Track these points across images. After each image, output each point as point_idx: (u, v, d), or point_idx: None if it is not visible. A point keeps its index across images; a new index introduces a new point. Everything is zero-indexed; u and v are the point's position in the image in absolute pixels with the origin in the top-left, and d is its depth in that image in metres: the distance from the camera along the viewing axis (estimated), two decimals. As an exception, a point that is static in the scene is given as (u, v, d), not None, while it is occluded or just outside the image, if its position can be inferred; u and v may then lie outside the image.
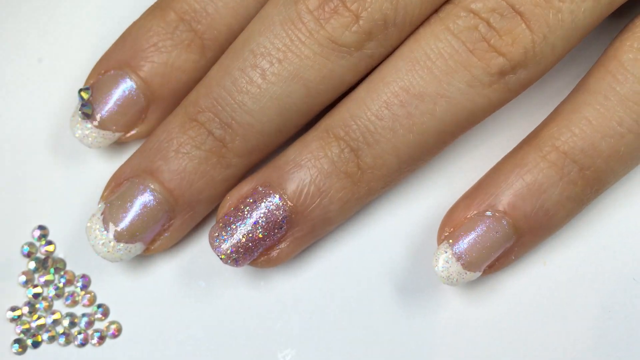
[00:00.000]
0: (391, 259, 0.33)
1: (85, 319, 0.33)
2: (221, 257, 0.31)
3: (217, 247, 0.31)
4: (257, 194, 0.31)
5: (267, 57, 0.30)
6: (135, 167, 0.32)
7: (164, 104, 0.32)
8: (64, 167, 0.34)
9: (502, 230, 0.31)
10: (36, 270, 0.34)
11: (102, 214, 0.31)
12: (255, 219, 0.31)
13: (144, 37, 0.32)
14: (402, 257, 0.33)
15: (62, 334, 0.33)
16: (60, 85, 0.35)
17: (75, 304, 0.34)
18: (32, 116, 0.34)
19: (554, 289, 0.33)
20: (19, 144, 0.34)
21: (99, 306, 0.33)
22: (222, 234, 0.31)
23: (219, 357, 0.33)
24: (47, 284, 0.34)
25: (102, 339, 0.33)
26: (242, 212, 0.31)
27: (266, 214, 0.31)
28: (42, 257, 0.34)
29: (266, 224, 0.31)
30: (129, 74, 0.32)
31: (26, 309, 0.33)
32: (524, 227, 0.31)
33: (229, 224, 0.31)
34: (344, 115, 0.31)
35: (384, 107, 0.30)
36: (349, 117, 0.30)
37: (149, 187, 0.31)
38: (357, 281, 0.33)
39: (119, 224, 0.31)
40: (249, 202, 0.31)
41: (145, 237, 0.32)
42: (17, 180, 0.34)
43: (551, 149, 0.30)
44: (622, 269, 0.33)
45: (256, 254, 0.31)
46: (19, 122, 0.34)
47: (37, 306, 0.33)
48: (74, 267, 0.34)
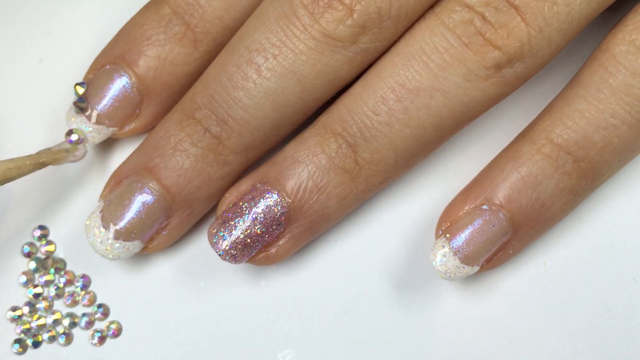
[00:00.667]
0: (389, 256, 0.33)
1: (85, 319, 0.33)
2: (220, 254, 0.31)
3: (216, 243, 0.31)
4: (255, 190, 0.31)
5: (262, 52, 0.30)
6: (133, 165, 0.32)
7: (157, 98, 0.33)
8: (64, 167, 0.34)
9: (499, 223, 0.30)
10: (36, 270, 0.34)
11: (101, 212, 0.31)
12: (254, 216, 0.31)
13: (139, 31, 0.32)
14: (401, 254, 0.33)
15: (62, 334, 0.33)
16: (60, 85, 0.35)
17: (75, 304, 0.34)
18: (32, 116, 0.35)
19: (554, 289, 0.33)
20: (19, 144, 0.34)
21: (99, 306, 0.34)
22: (221, 230, 0.31)
23: (219, 357, 0.33)
24: (48, 284, 0.34)
25: (102, 339, 0.33)
26: (241, 209, 0.31)
27: (265, 211, 0.31)
28: (43, 257, 0.34)
29: (265, 221, 0.31)
30: (123, 68, 0.32)
31: (26, 309, 0.33)
32: (521, 219, 0.31)
33: (228, 220, 0.31)
34: (341, 111, 0.31)
35: (380, 102, 0.30)
36: (345, 112, 0.30)
37: (147, 185, 0.31)
38: (356, 280, 0.33)
39: (117, 222, 0.31)
40: (248, 198, 0.31)
41: (143, 235, 0.32)
42: (17, 180, 0.34)
43: (545, 142, 0.30)
44: (622, 269, 0.33)
45: (255, 251, 0.31)
46: (19, 122, 0.35)
47: (38, 306, 0.33)
48: (74, 267, 0.34)
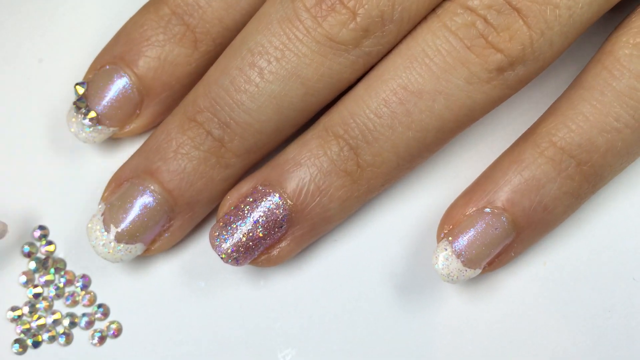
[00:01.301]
0: (390, 256, 0.33)
1: (85, 319, 0.33)
2: (222, 257, 0.31)
3: (217, 246, 0.31)
4: (257, 193, 0.31)
5: (264, 55, 0.30)
6: (135, 168, 0.32)
7: (157, 98, 0.32)
8: (64, 167, 0.34)
9: (501, 226, 0.30)
10: (36, 270, 0.34)
11: (103, 215, 0.31)
12: (255, 218, 0.31)
13: (138, 31, 0.32)
14: (401, 254, 0.33)
15: (62, 334, 0.33)
16: (60, 85, 0.35)
17: (75, 304, 0.34)
18: (32, 116, 0.35)
19: (554, 289, 0.33)
20: (19, 144, 0.34)
21: (99, 306, 0.33)
22: (222, 233, 0.31)
23: (219, 357, 0.33)
24: (48, 284, 0.34)
25: (102, 339, 0.33)
26: (243, 211, 0.31)
27: (266, 213, 0.31)
28: (43, 257, 0.34)
29: (266, 223, 0.31)
30: (123, 69, 0.32)
31: (26, 309, 0.33)
32: (523, 222, 0.31)
33: (230, 223, 0.31)
34: (342, 113, 0.31)
35: (382, 104, 0.30)
36: (347, 115, 0.30)
37: (149, 188, 0.31)
38: (357, 280, 0.33)
39: (119, 225, 0.31)
40: (249, 201, 0.31)
41: (145, 238, 0.32)
42: (18, 180, 0.34)
43: (548, 145, 0.30)
44: (622, 269, 0.33)
45: (257, 253, 0.31)
46: (19, 122, 0.34)
47: (38, 306, 0.33)
48: (74, 267, 0.34)
